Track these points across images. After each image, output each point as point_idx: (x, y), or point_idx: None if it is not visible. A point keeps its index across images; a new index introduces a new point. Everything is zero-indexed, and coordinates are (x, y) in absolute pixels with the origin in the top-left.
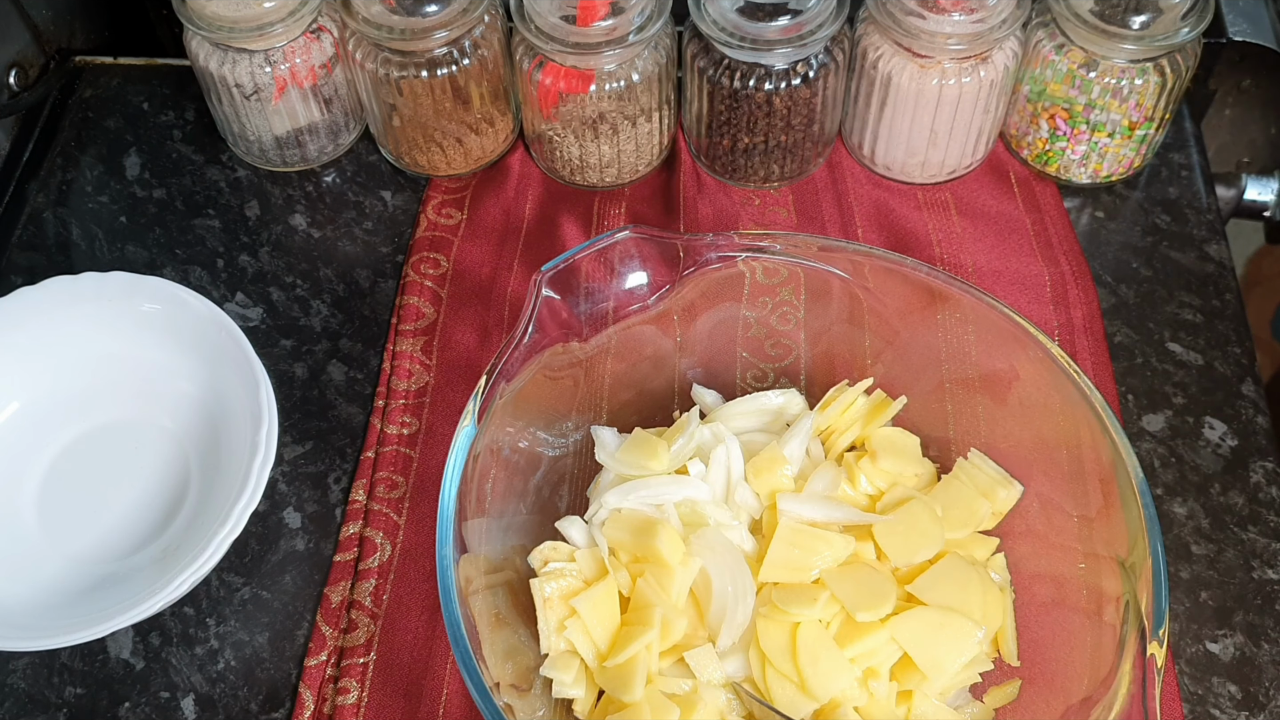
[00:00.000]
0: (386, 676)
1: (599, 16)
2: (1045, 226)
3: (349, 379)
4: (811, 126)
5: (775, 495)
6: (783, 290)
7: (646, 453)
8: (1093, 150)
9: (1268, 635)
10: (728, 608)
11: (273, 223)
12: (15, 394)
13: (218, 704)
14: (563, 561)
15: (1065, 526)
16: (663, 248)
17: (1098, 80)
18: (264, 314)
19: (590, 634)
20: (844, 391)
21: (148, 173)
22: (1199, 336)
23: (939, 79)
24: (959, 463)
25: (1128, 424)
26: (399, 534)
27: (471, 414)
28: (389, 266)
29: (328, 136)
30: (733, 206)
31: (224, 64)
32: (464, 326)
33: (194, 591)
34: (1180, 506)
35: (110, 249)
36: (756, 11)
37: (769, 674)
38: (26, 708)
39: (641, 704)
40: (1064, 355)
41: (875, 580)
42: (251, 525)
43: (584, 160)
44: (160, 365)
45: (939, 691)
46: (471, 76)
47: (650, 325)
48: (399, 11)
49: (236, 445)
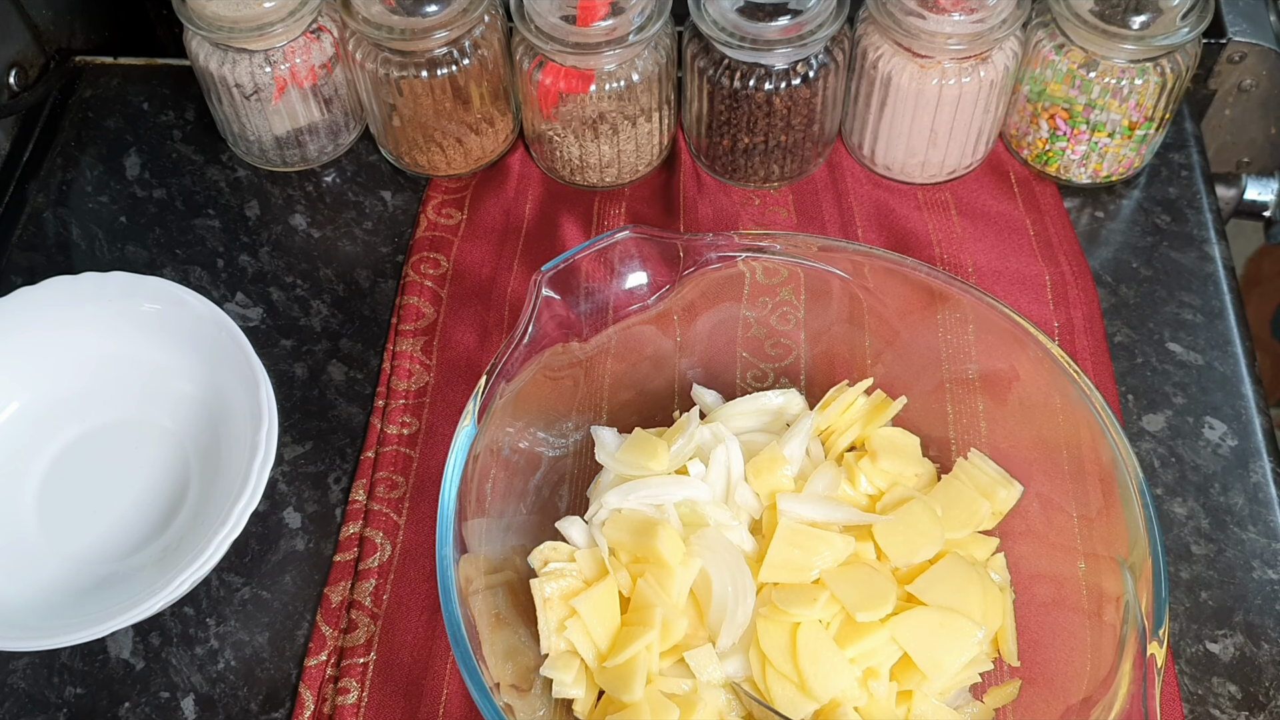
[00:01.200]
0: (386, 676)
1: (599, 16)
2: (1045, 226)
3: (349, 379)
4: (811, 126)
5: (775, 495)
6: (783, 290)
7: (646, 453)
8: (1093, 150)
9: (1268, 635)
10: (728, 608)
11: (273, 223)
12: (15, 394)
13: (218, 704)
14: (563, 562)
15: (1065, 526)
16: (663, 248)
17: (1098, 80)
18: (264, 314)
19: (590, 634)
20: (844, 391)
21: (148, 173)
22: (1199, 336)
23: (939, 79)
24: (959, 463)
25: (1128, 424)
26: (399, 534)
27: (471, 414)
28: (389, 266)
29: (328, 136)
30: (733, 206)
31: (224, 64)
32: (464, 326)
33: (194, 591)
34: (1180, 506)
35: (110, 249)
36: (756, 11)
37: (769, 674)
38: (26, 708)
39: (641, 704)
40: (1064, 355)
41: (875, 580)
42: (251, 525)
43: (584, 160)
44: (160, 365)
45: (939, 691)
46: (471, 76)
47: (650, 325)
48: (399, 11)
49: (236, 445)
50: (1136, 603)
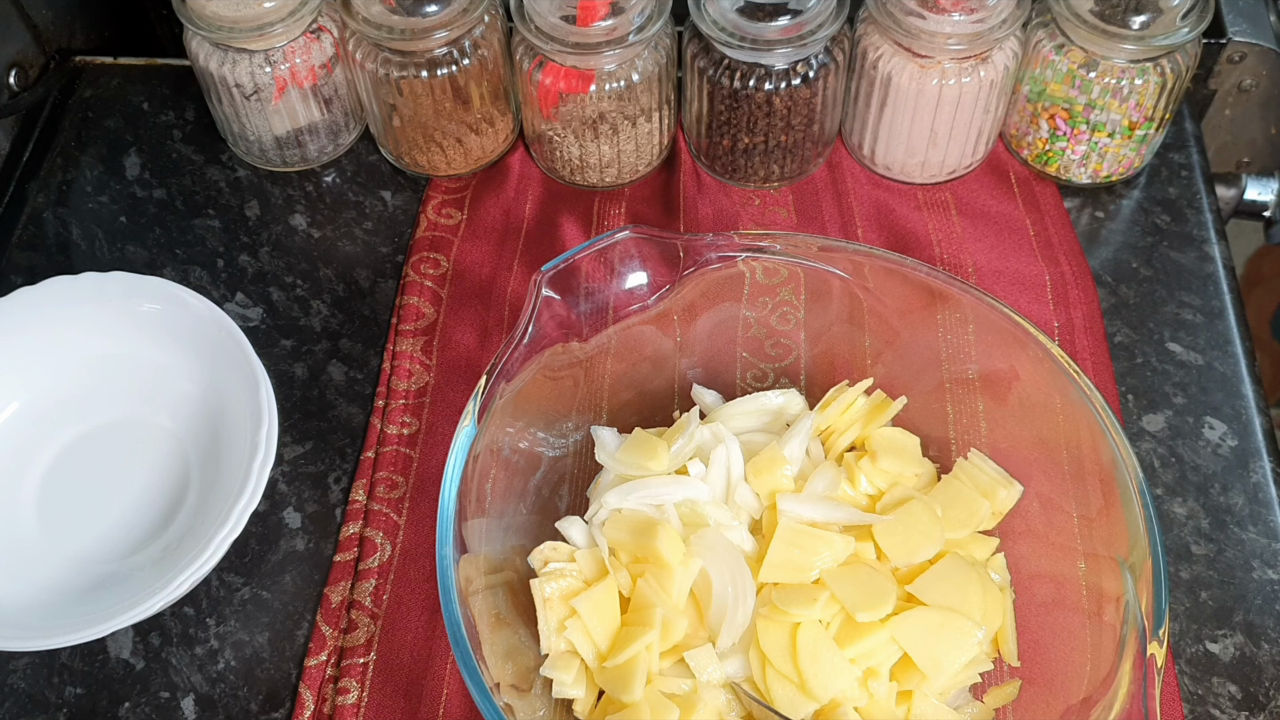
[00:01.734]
0: (386, 676)
1: (599, 17)
2: (1045, 226)
3: (349, 379)
4: (811, 126)
5: (775, 495)
6: (783, 290)
7: (646, 453)
8: (1093, 150)
9: (1268, 635)
10: (728, 608)
11: (273, 223)
12: (15, 394)
13: (218, 704)
14: (563, 562)
15: (1065, 526)
16: (663, 248)
17: (1098, 80)
18: (264, 314)
19: (590, 634)
20: (844, 391)
21: (148, 173)
22: (1199, 336)
23: (939, 79)
24: (959, 463)
25: (1128, 424)
26: (399, 534)
27: (471, 414)
28: (389, 266)
29: (328, 136)
30: (733, 206)
31: (224, 64)
32: (464, 326)
33: (194, 591)
34: (1180, 506)
35: (110, 249)
36: (756, 11)
37: (769, 674)
38: (26, 708)
39: (641, 704)
40: (1064, 355)
41: (875, 580)
42: (251, 525)
43: (584, 160)
44: (160, 365)
45: (939, 692)
46: (471, 76)
47: (650, 325)
48: (399, 11)
49: (236, 445)
50: (1136, 603)
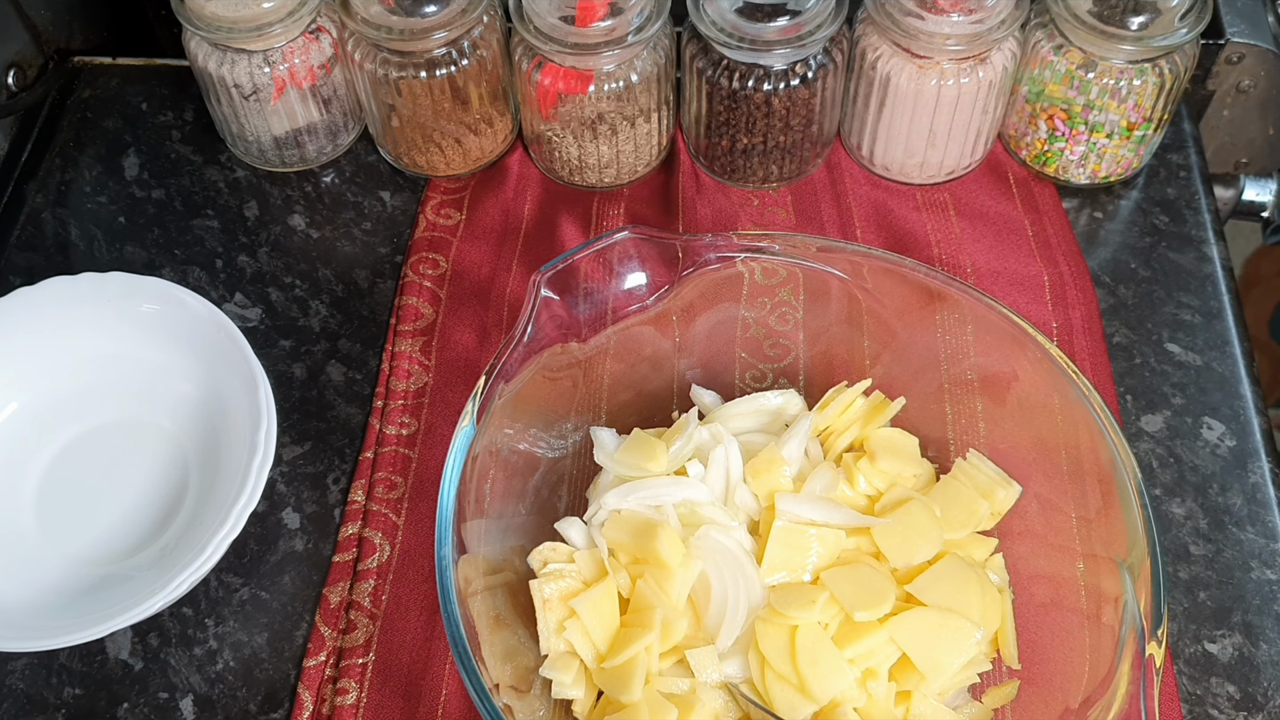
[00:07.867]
0: (385, 677)
1: (598, 17)
2: (1044, 227)
3: (348, 379)
4: (810, 127)
5: (774, 496)
6: (781, 291)
7: (645, 454)
8: (1091, 151)
9: (1266, 635)
10: (727, 609)
11: (271, 223)
12: (14, 394)
13: (216, 704)
14: (562, 563)
15: (1064, 527)
16: (662, 248)
17: (1096, 81)
18: (263, 314)
19: (590, 635)
20: (843, 392)
21: (146, 173)
22: (1197, 337)
23: (938, 79)
24: (958, 463)
25: (1126, 424)
26: (398, 534)
27: (470, 414)
28: (388, 267)
29: (326, 137)
30: (731, 207)
31: (223, 64)
32: (463, 327)
33: (193, 592)
34: (1179, 507)
35: (109, 249)
36: (755, 12)
37: (768, 676)
38: (25, 708)
39: (640, 705)
40: (1063, 356)
41: (874, 580)
42: (250, 526)
43: (583, 161)
44: (159, 366)
45: (938, 692)
46: (470, 77)
47: (649, 326)
48: (398, 12)
49: (235, 445)
50: (1135, 603)
